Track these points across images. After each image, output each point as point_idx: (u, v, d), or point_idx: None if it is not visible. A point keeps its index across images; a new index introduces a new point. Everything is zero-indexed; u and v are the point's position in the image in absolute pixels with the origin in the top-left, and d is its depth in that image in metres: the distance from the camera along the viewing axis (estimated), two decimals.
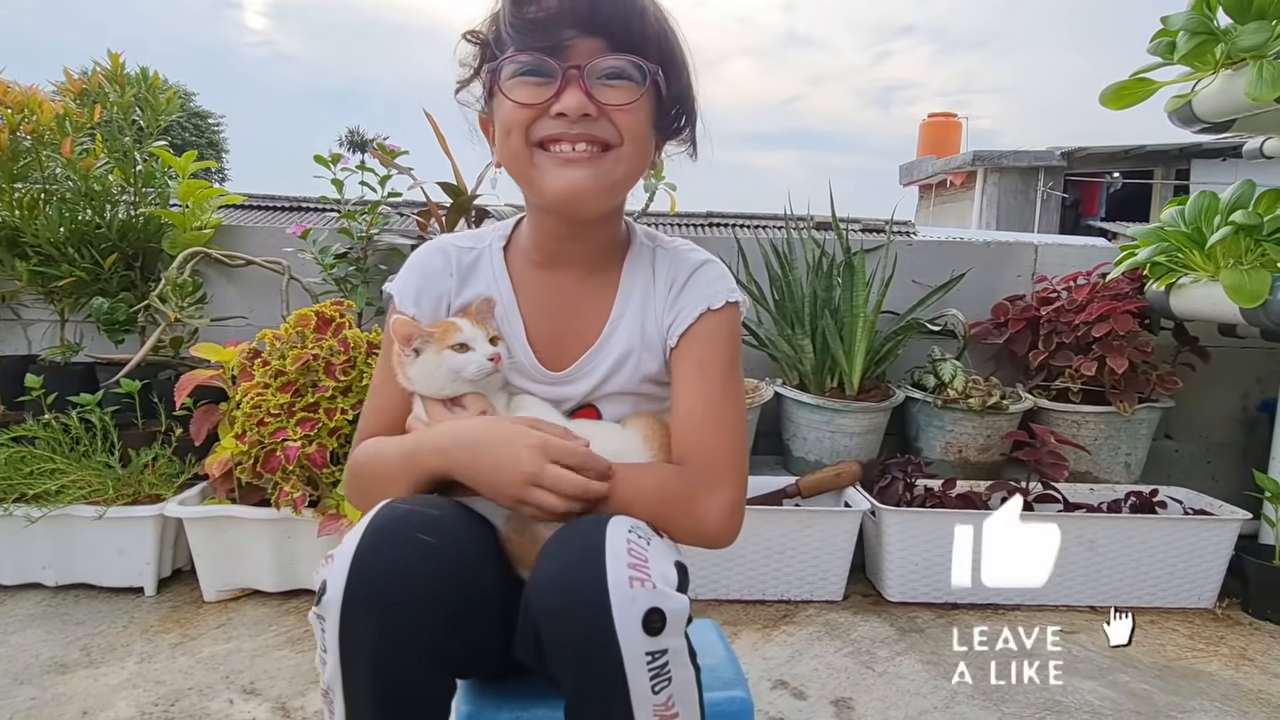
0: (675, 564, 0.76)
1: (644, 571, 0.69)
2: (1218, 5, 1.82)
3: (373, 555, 0.71)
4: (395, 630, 0.70)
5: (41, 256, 2.16)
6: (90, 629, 1.76)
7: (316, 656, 0.74)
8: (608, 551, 0.70)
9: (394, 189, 2.31)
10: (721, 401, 0.87)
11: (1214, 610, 2.01)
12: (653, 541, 0.75)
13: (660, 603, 0.68)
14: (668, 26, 0.83)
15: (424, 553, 0.72)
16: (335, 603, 0.70)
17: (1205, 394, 2.48)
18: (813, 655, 1.73)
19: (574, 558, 0.71)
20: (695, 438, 0.86)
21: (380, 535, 0.73)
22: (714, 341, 0.89)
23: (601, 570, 0.68)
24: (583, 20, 0.77)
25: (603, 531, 0.72)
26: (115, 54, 2.23)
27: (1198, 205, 2.01)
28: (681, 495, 0.83)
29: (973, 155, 10.39)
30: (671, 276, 0.91)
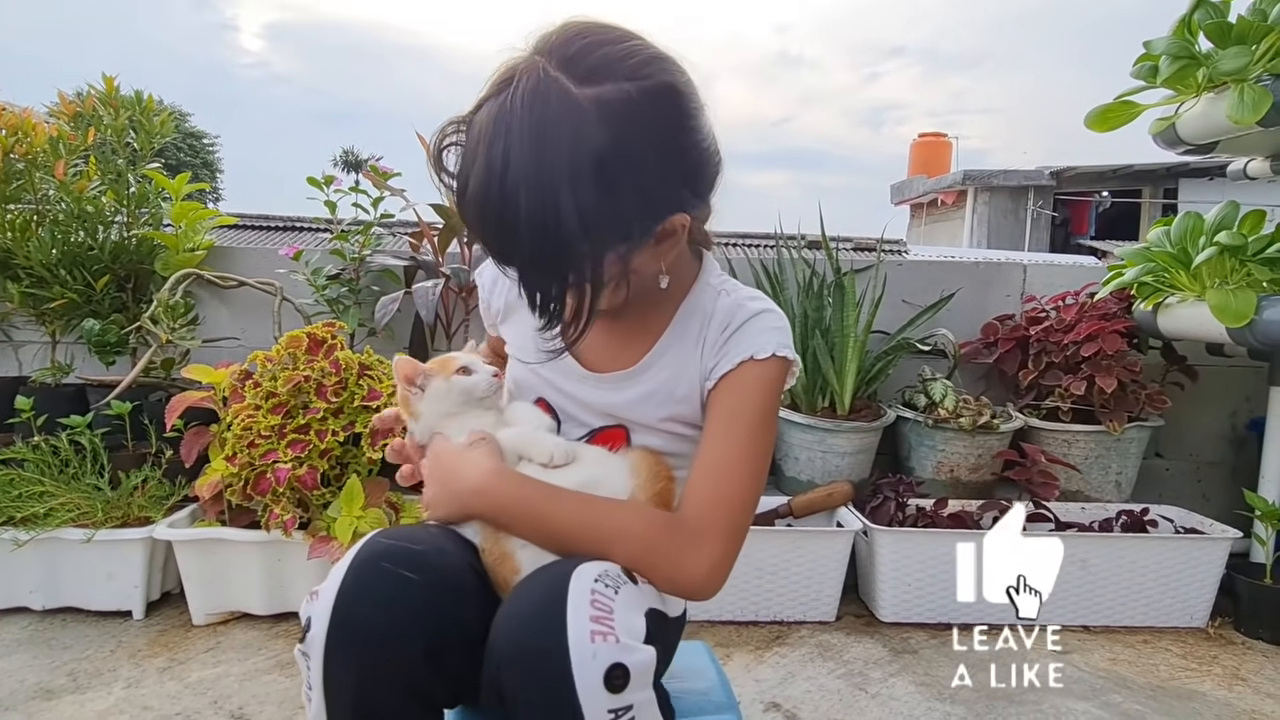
0: (648, 612, 0.74)
1: (607, 625, 0.68)
2: (1199, 30, 1.85)
3: (355, 594, 0.71)
4: (377, 669, 0.70)
5: (33, 278, 2.16)
6: (77, 654, 1.74)
7: (302, 692, 0.74)
8: (569, 603, 0.68)
9: (387, 210, 2.33)
10: (740, 457, 0.85)
11: (1207, 629, 2.01)
12: (622, 590, 0.73)
13: (623, 657, 0.67)
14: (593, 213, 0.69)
15: (406, 589, 0.72)
16: (319, 641, 0.70)
17: (1194, 413, 2.49)
18: (805, 677, 1.72)
19: (535, 609, 0.70)
20: (700, 488, 0.84)
21: (362, 572, 0.73)
22: (749, 393, 0.86)
23: (562, 624, 0.67)
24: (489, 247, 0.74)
25: (566, 582, 0.70)
26: (109, 77, 2.24)
27: (1183, 226, 2.04)
28: (667, 544, 0.81)
29: (963, 174, 10.50)
30: (727, 320, 0.89)
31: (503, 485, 0.82)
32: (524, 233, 0.69)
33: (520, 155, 0.67)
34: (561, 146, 0.68)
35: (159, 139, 2.30)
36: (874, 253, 2.76)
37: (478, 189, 0.70)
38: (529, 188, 0.67)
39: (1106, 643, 1.93)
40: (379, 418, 1.00)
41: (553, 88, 0.68)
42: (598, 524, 0.80)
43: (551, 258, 0.71)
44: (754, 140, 69.71)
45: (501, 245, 0.73)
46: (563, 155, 0.67)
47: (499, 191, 0.68)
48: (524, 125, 0.68)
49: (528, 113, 0.68)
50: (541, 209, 0.68)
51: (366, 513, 1.77)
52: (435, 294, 2.10)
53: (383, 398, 1.84)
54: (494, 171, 0.68)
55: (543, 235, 0.69)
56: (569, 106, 0.68)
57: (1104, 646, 1.91)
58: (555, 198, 0.67)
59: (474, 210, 0.71)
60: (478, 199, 0.70)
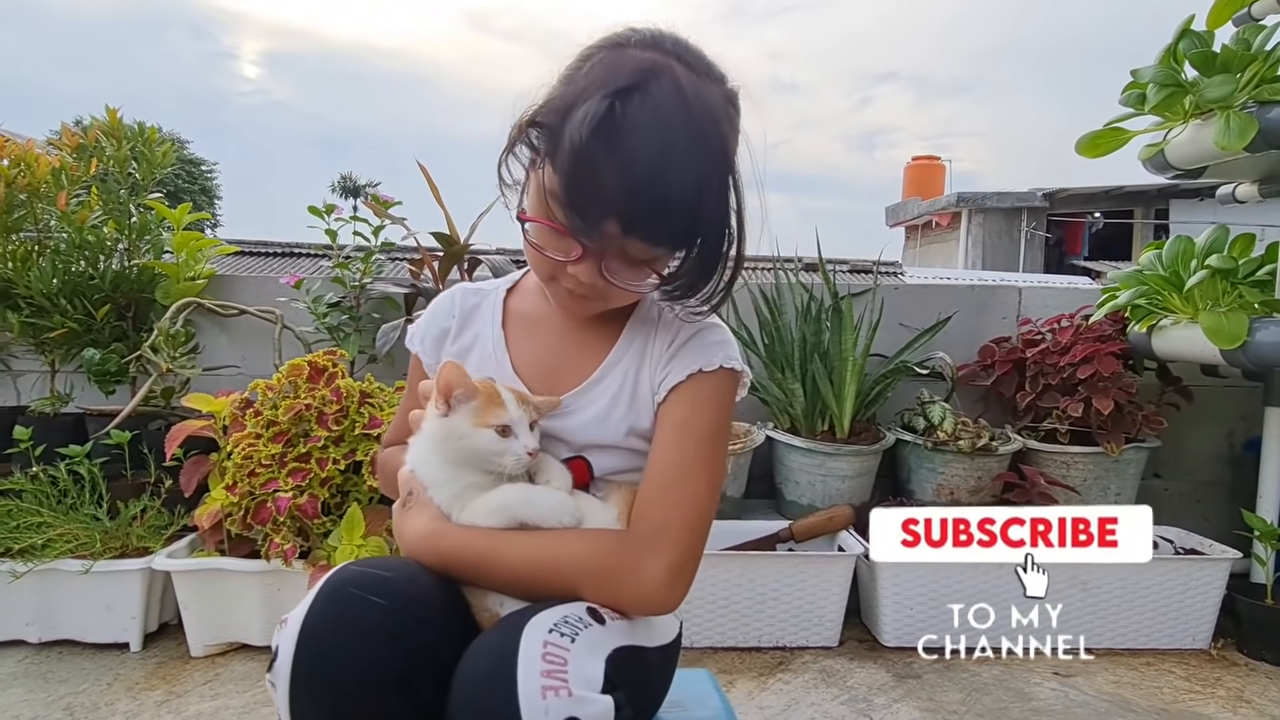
0: (613, 653, 0.73)
1: (559, 678, 0.67)
2: (1184, 59, 1.89)
3: (321, 621, 0.71)
4: (341, 697, 0.70)
5: (34, 308, 2.17)
6: (73, 687, 1.72)
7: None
8: (520, 660, 0.67)
9: (387, 238, 2.34)
10: (692, 469, 0.84)
11: (1209, 651, 2.00)
12: (580, 636, 0.72)
13: (576, 711, 0.66)
14: (724, 205, 0.79)
15: (372, 615, 0.72)
16: (285, 670, 0.70)
17: (1191, 433, 2.50)
18: (809, 704, 1.71)
19: (488, 667, 0.69)
20: (652, 500, 0.83)
21: (330, 600, 0.72)
22: (698, 405, 0.86)
23: (513, 681, 0.66)
24: (621, 212, 0.75)
25: (518, 637, 0.70)
26: (113, 109, 2.27)
27: (1175, 249, 2.06)
28: (619, 560, 0.80)
29: (957, 196, 10.60)
30: (673, 334, 0.90)
31: (440, 544, 0.81)
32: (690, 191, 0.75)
33: (694, 135, 0.75)
34: (717, 137, 0.77)
35: (160, 169, 2.32)
36: (869, 275, 2.78)
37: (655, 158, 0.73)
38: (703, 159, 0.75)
39: (1110, 665, 1.92)
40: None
41: (704, 85, 0.78)
42: (546, 558, 0.80)
43: (703, 217, 0.77)
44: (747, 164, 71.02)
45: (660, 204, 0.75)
46: (720, 144, 0.78)
47: (679, 172, 0.74)
48: (696, 109, 0.75)
49: (694, 103, 0.75)
50: (721, 200, 0.78)
51: (367, 541, 1.77)
52: None
53: (383, 425, 1.85)
54: (677, 144, 0.73)
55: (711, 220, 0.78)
56: (716, 104, 0.78)
57: (1107, 669, 1.90)
58: (722, 179, 0.78)
59: (645, 184, 0.73)
60: (652, 175, 0.73)
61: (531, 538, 0.81)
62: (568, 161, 0.73)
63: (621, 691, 0.70)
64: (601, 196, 0.74)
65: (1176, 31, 1.90)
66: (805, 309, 2.32)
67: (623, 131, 0.72)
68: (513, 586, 0.81)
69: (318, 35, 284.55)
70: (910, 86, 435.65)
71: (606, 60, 0.77)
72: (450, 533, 0.82)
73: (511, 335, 0.95)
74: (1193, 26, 1.89)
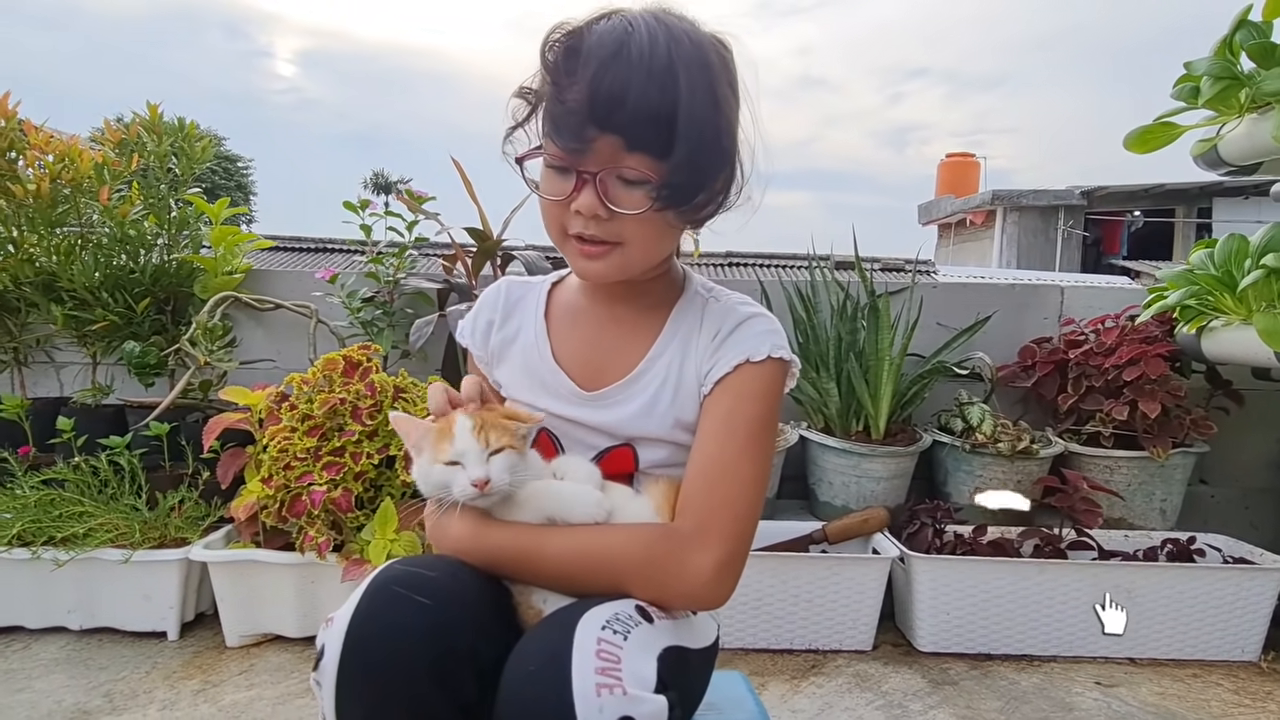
0: (664, 652, 0.72)
1: (614, 676, 0.66)
2: (1241, 50, 1.82)
3: (367, 621, 0.70)
4: (387, 698, 0.69)
5: (76, 301, 2.21)
6: (113, 674, 1.75)
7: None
8: (574, 656, 0.66)
9: (421, 234, 2.35)
10: (738, 459, 0.83)
11: (1259, 664, 1.94)
12: (633, 634, 0.71)
13: (630, 710, 0.65)
14: (711, 113, 0.78)
15: (418, 616, 0.71)
16: (331, 669, 0.70)
17: (1241, 438, 2.42)
18: (843, 708, 1.68)
19: (541, 662, 0.68)
20: (698, 492, 0.82)
21: (376, 599, 0.72)
22: (747, 396, 0.85)
23: (567, 678, 0.65)
24: (602, 120, 0.76)
25: (571, 633, 0.69)
26: (154, 105, 2.30)
27: (1227, 248, 1.99)
28: (666, 554, 0.79)
29: (992, 194, 10.41)
30: (718, 325, 0.89)
31: (484, 542, 0.81)
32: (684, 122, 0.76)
33: (677, 46, 0.76)
34: (707, 53, 0.79)
35: (200, 165, 2.34)
36: (901, 273, 2.73)
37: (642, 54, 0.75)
38: (694, 68, 0.76)
39: (1154, 676, 1.87)
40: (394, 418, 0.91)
41: (681, 20, 0.80)
42: (592, 552, 0.79)
43: (702, 145, 0.78)
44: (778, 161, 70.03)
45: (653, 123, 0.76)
46: (711, 59, 0.79)
47: (666, 59, 0.75)
48: (674, 30, 0.77)
49: (673, 25, 0.78)
50: (708, 106, 0.77)
51: (400, 536, 1.77)
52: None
53: None
54: (656, 58, 0.75)
55: (700, 125, 0.77)
56: (700, 35, 0.80)
57: (1151, 680, 1.85)
58: (715, 90, 0.78)
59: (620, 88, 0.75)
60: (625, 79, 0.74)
61: (576, 532, 0.80)
62: (549, 88, 0.79)
63: (673, 692, 0.69)
64: (580, 108, 0.76)
65: (1233, 22, 1.84)
66: (841, 307, 2.28)
67: (595, 47, 0.76)
68: (558, 581, 0.80)
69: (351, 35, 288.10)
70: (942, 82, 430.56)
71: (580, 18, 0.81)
72: (493, 530, 0.81)
73: (554, 327, 0.95)
74: (1250, 17, 1.82)
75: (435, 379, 2.01)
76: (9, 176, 2.11)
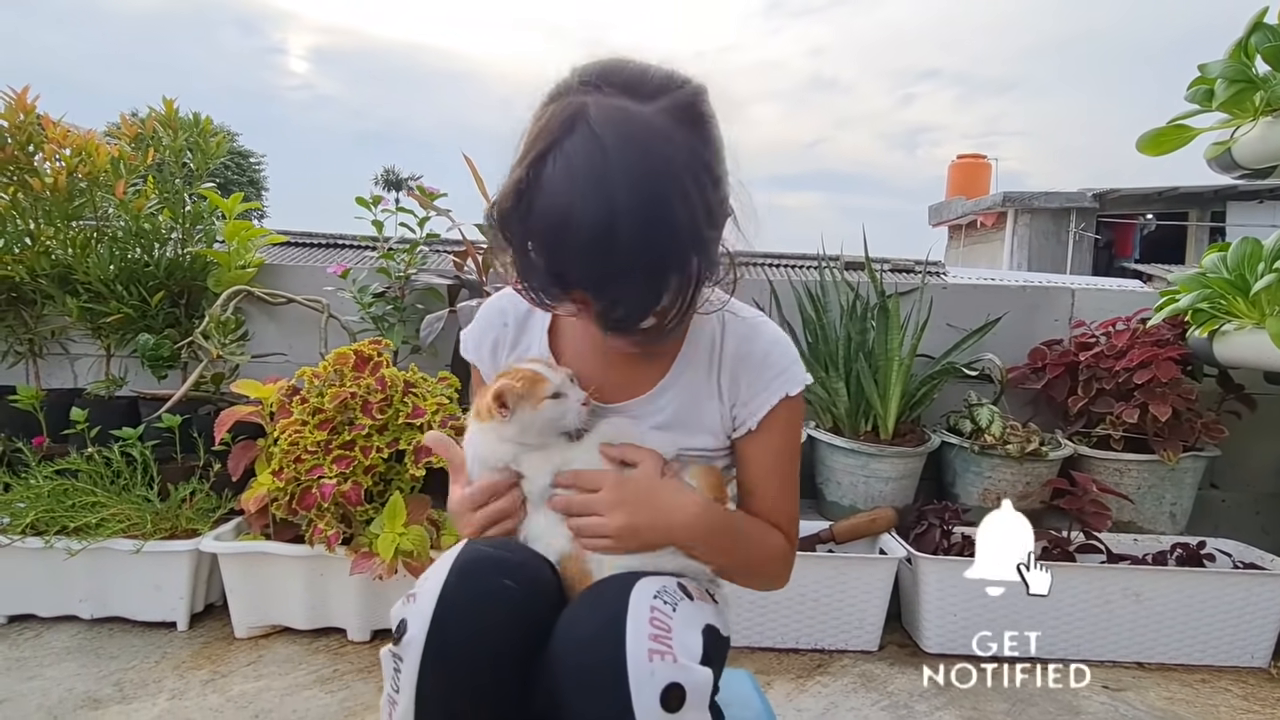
0: (704, 629, 0.75)
1: (665, 643, 0.69)
2: (1256, 53, 1.81)
3: (458, 599, 0.72)
4: (471, 674, 0.71)
5: (91, 293, 2.23)
6: (124, 663, 1.77)
7: (384, 696, 0.74)
8: (629, 621, 0.69)
9: (432, 230, 2.36)
10: (796, 483, 0.96)
11: (1269, 670, 1.93)
12: (680, 606, 0.74)
13: (680, 677, 0.68)
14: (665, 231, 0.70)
15: (507, 601, 0.74)
16: (417, 644, 0.71)
17: (1252, 442, 2.41)
18: (849, 708, 1.68)
19: (596, 625, 0.71)
20: (786, 523, 0.93)
21: (465, 577, 0.74)
22: (790, 428, 0.92)
23: (621, 641, 0.68)
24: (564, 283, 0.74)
25: (626, 597, 0.71)
26: (169, 100, 2.31)
27: (1240, 252, 1.98)
28: (787, 566, 0.94)
29: (1003, 196, 10.37)
30: (738, 347, 0.90)
31: (711, 518, 0.86)
32: (636, 243, 0.69)
33: (625, 181, 0.68)
34: (658, 158, 0.69)
35: (214, 160, 2.36)
36: (911, 274, 2.73)
37: (586, 219, 0.68)
38: (643, 201, 0.68)
39: (1162, 681, 1.86)
40: (432, 438, 0.98)
41: (624, 112, 0.70)
42: (765, 546, 0.91)
43: (663, 262, 0.72)
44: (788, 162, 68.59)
45: (611, 265, 0.70)
46: (663, 162, 0.70)
47: (609, 215, 0.68)
48: (617, 150, 0.68)
49: (615, 138, 0.69)
50: (657, 219, 0.69)
51: (409, 529, 1.78)
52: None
53: (426, 415, 1.86)
54: (605, 203, 0.67)
55: (655, 242, 0.70)
56: (648, 123, 0.70)
57: (1159, 684, 1.84)
58: (666, 205, 0.70)
59: (584, 240, 0.69)
60: (588, 229, 0.68)
61: (755, 523, 0.91)
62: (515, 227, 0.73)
63: (713, 667, 0.73)
64: (541, 272, 0.73)
65: (1248, 25, 1.82)
66: (850, 307, 2.28)
67: (537, 203, 0.70)
68: (735, 565, 0.91)
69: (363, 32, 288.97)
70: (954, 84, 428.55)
71: (539, 122, 0.73)
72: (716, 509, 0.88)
73: (564, 343, 0.95)
74: (1266, 19, 1.81)
75: (445, 374, 2.02)
76: (27, 170, 2.13)
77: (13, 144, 2.11)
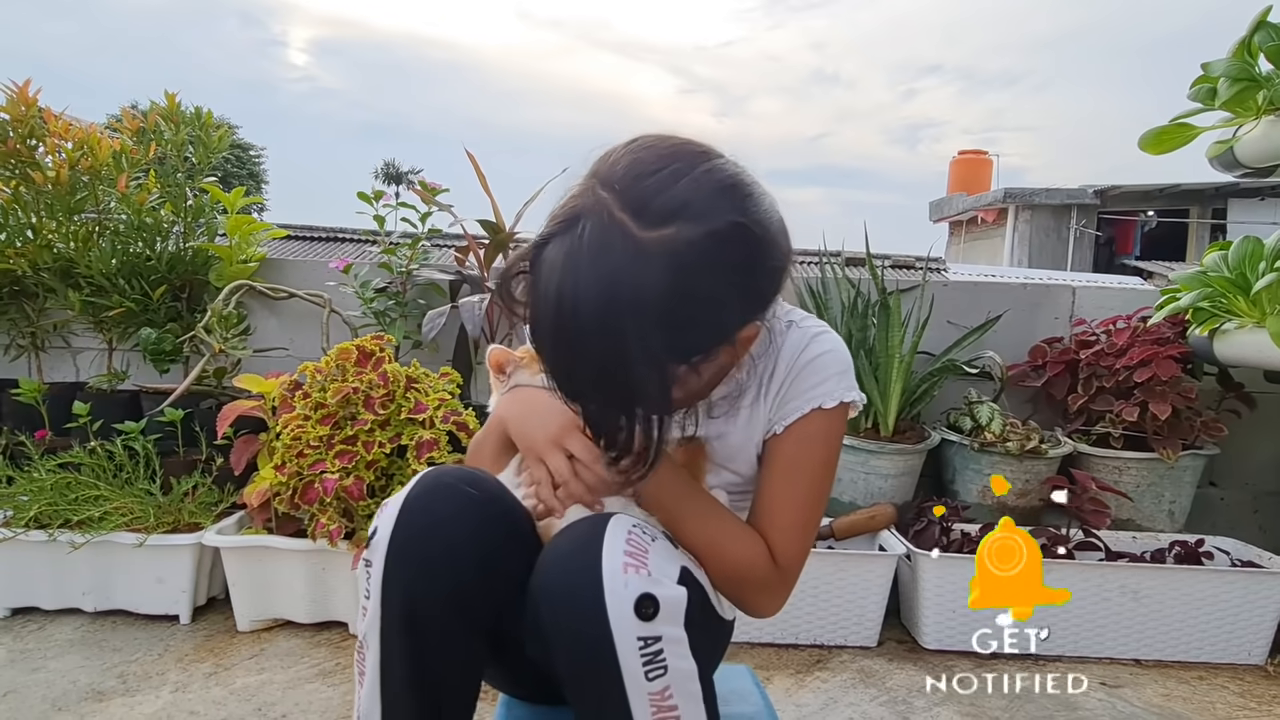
0: (681, 568, 0.77)
1: (640, 560, 0.73)
2: (1259, 52, 1.81)
3: (420, 501, 0.78)
4: (430, 572, 0.76)
5: (93, 287, 2.23)
6: (127, 656, 1.78)
7: (359, 609, 0.79)
8: (605, 539, 0.73)
9: (434, 225, 2.36)
10: (811, 505, 0.89)
11: (1265, 667, 1.94)
12: (657, 540, 0.77)
13: (653, 589, 0.71)
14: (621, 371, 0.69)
15: (467, 502, 0.79)
16: (382, 542, 0.77)
17: (1252, 441, 2.42)
18: (848, 704, 1.69)
19: (575, 544, 0.75)
20: (785, 538, 0.87)
21: (428, 484, 0.80)
22: (816, 442, 0.88)
23: (597, 555, 0.72)
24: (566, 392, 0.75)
25: (605, 523, 0.76)
26: (171, 94, 2.31)
27: (1241, 250, 1.99)
28: (769, 581, 0.87)
29: (1004, 192, 10.37)
30: (791, 358, 0.88)
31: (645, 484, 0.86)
32: (592, 373, 0.71)
33: (588, 302, 0.67)
34: (628, 294, 0.67)
35: (216, 154, 2.36)
36: (912, 270, 2.73)
37: (548, 331, 0.71)
38: (597, 334, 0.67)
39: (1159, 677, 1.87)
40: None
41: (619, 233, 0.67)
42: (719, 547, 0.85)
43: (620, 395, 0.72)
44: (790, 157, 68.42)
45: (570, 381, 0.73)
46: (629, 303, 0.67)
47: (567, 335, 0.69)
48: (592, 272, 0.67)
49: (594, 259, 0.67)
50: (609, 354, 0.68)
51: None
52: (481, 308, 2.12)
53: (428, 410, 1.86)
54: (564, 315, 0.68)
55: (610, 376, 0.70)
56: (636, 255, 0.67)
57: (1157, 681, 1.85)
58: (622, 344, 0.67)
59: (546, 347, 0.73)
60: (548, 339, 0.71)
61: (710, 524, 0.86)
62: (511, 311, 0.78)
63: (694, 592, 0.76)
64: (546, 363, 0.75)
65: (1251, 24, 1.82)
66: (851, 304, 2.29)
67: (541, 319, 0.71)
68: (680, 530, 0.86)
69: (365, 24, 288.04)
70: (956, 79, 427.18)
71: (559, 203, 0.73)
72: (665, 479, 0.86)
73: None
74: (1269, 18, 1.81)
75: (447, 369, 2.03)
76: (29, 163, 2.13)
77: (15, 137, 2.11)
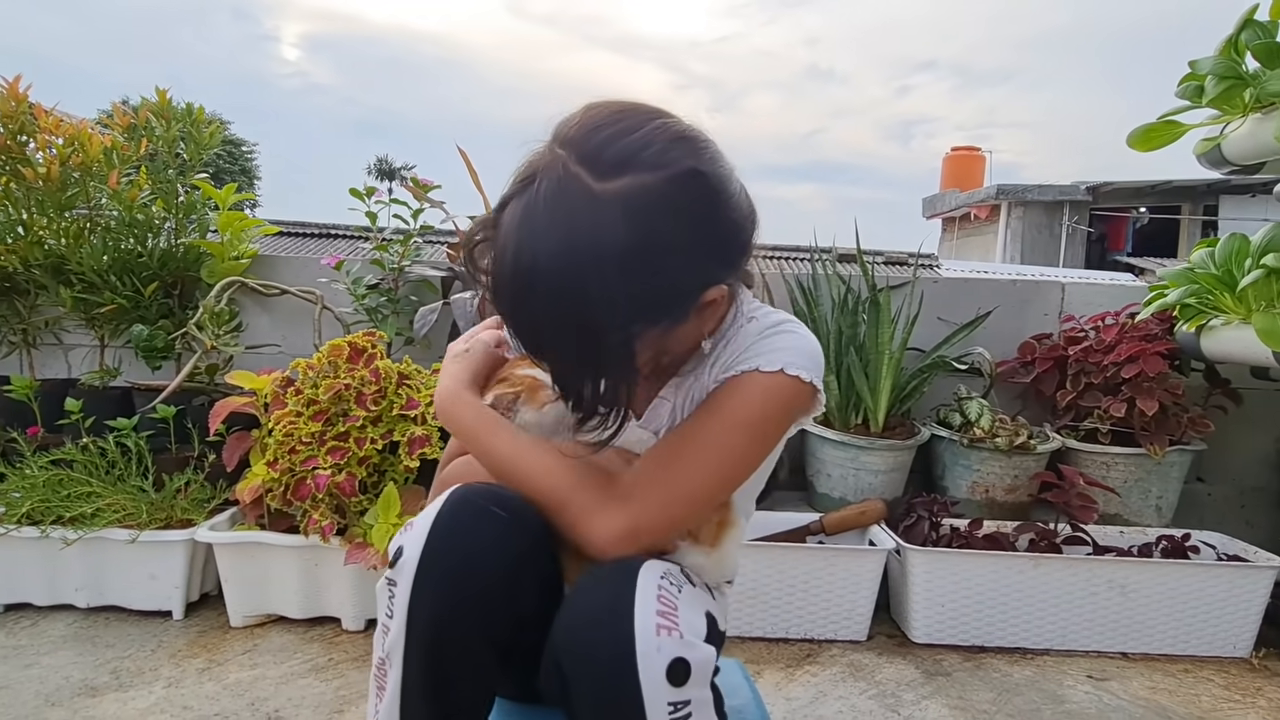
0: (706, 614, 0.76)
1: (672, 620, 0.70)
2: (1246, 50, 1.82)
3: (450, 523, 0.76)
4: (459, 597, 0.74)
5: (85, 284, 2.22)
6: (120, 652, 1.78)
7: (378, 628, 0.77)
8: (637, 596, 0.71)
9: (426, 221, 2.37)
10: (707, 446, 0.81)
11: (1250, 660, 1.96)
12: (684, 589, 0.75)
13: (686, 653, 0.69)
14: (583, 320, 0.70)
15: (495, 524, 0.77)
16: (411, 565, 0.74)
17: (1238, 437, 2.44)
18: (837, 697, 1.71)
19: (604, 598, 0.72)
20: (651, 460, 0.83)
21: (455, 506, 0.77)
22: (741, 395, 0.83)
23: (629, 614, 0.69)
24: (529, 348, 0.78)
25: (634, 575, 0.73)
26: (162, 90, 2.31)
27: (1228, 247, 2.00)
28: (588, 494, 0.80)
29: (997, 189, 10.40)
30: (746, 341, 0.87)
31: (455, 409, 0.89)
32: (555, 330, 0.72)
33: (546, 256, 0.68)
34: (586, 244, 0.68)
35: (207, 150, 2.36)
36: (904, 266, 2.74)
37: (507, 290, 0.72)
38: (557, 288, 0.69)
39: (1146, 670, 1.89)
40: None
41: (574, 185, 0.69)
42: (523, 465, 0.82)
43: (583, 353, 0.72)
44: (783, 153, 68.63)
45: (535, 340, 0.75)
46: (588, 253, 0.68)
47: (528, 292, 0.70)
48: (549, 225, 0.69)
49: (551, 212, 0.69)
50: (570, 308, 0.69)
51: (402, 520, 1.79)
52: (473, 305, 2.13)
53: (420, 407, 1.87)
54: (521, 272, 0.70)
55: (573, 332, 0.71)
56: (591, 203, 0.68)
57: (1143, 674, 1.87)
58: (583, 297, 0.68)
59: (507, 308, 0.74)
60: (508, 298, 0.73)
61: (521, 443, 0.85)
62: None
63: (718, 643, 0.75)
64: (507, 323, 0.77)
65: (1238, 22, 1.84)
66: (842, 300, 2.30)
67: (499, 281, 0.73)
68: (498, 475, 0.85)
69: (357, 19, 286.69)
70: (950, 75, 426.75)
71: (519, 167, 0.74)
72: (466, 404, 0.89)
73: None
74: (1256, 16, 1.82)
75: (439, 366, 2.03)
76: (20, 160, 2.13)
77: (5, 133, 2.10)
